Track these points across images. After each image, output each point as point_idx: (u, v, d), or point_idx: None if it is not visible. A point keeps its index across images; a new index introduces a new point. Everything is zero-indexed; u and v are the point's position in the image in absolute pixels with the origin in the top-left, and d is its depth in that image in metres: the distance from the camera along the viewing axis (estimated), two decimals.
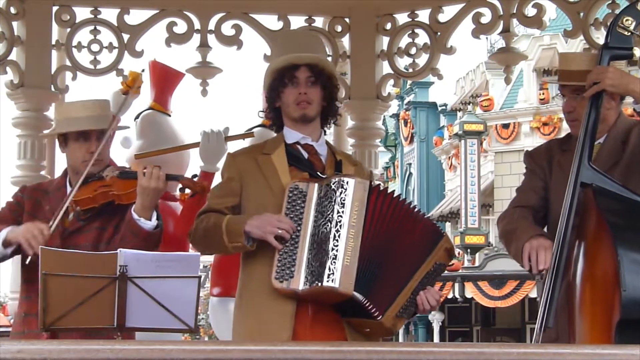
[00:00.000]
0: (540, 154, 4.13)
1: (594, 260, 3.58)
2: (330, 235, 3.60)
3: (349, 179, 3.68)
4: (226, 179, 3.92)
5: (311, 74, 3.85)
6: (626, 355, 2.57)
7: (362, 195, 3.65)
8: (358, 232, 3.61)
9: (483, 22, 5.85)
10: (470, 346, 2.56)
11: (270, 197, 3.77)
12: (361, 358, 2.52)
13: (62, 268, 3.58)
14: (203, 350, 2.54)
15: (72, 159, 4.17)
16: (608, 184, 3.64)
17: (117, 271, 3.56)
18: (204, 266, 14.95)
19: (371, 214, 3.66)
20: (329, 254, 3.58)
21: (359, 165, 4.02)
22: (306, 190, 3.69)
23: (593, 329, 3.50)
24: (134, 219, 3.95)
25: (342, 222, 3.61)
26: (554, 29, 23.73)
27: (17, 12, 5.85)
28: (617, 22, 3.74)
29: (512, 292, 25.27)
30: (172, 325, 3.62)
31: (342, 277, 3.55)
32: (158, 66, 6.32)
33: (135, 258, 3.61)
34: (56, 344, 2.55)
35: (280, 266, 3.64)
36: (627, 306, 3.37)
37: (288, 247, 3.64)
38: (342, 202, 3.63)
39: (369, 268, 3.63)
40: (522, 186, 4.14)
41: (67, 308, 3.55)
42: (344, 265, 3.56)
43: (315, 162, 3.87)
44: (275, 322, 3.67)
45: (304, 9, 6.10)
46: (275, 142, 3.93)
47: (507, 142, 28.46)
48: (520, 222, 3.96)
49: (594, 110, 3.74)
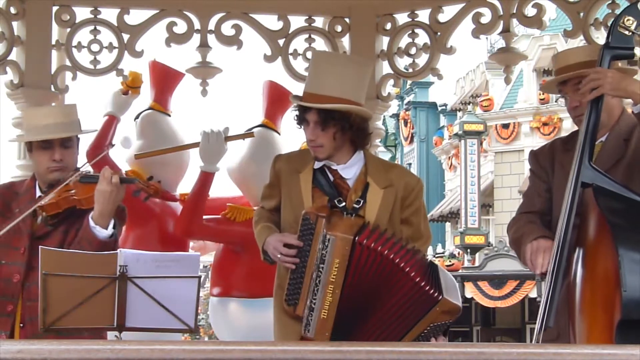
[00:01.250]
0: (544, 154, 4.11)
1: (594, 260, 3.57)
2: (311, 287, 3.74)
3: (332, 236, 3.71)
4: (270, 181, 4.04)
5: (319, 117, 3.78)
6: (626, 355, 2.57)
7: (344, 252, 3.70)
8: (337, 286, 3.70)
9: (483, 22, 5.85)
10: (470, 346, 2.55)
11: (292, 214, 3.88)
12: (361, 358, 2.51)
13: (62, 268, 3.58)
14: (203, 350, 2.54)
15: (37, 165, 4.17)
16: (609, 183, 3.62)
17: (117, 271, 3.57)
18: (204, 266, 14.94)
19: (353, 269, 3.71)
20: (308, 304, 3.74)
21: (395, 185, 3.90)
22: (315, 224, 3.76)
23: (594, 329, 3.50)
24: (90, 226, 3.92)
25: (320, 277, 3.72)
26: (554, 29, 23.74)
27: (17, 12, 5.84)
28: (618, 22, 3.73)
29: (512, 292, 25.28)
30: (172, 325, 3.62)
31: (317, 329, 3.72)
32: (158, 66, 6.33)
33: (135, 258, 3.61)
34: (56, 344, 2.54)
35: (290, 289, 3.81)
36: (628, 306, 3.36)
37: (297, 274, 3.79)
38: (322, 259, 3.72)
39: (350, 320, 3.72)
40: (528, 190, 4.13)
41: (67, 308, 3.55)
42: (319, 318, 3.72)
43: (340, 186, 3.88)
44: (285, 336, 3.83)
45: (304, 9, 6.10)
46: (308, 158, 3.92)
47: (507, 142, 28.45)
48: (526, 227, 3.94)
49: (594, 113, 3.73)
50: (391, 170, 3.97)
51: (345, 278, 3.69)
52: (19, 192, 4.18)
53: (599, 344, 3.33)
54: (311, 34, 6.08)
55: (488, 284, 25.53)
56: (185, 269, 3.65)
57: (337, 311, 3.70)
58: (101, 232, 3.91)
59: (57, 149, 4.08)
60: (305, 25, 6.09)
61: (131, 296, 3.57)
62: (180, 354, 2.50)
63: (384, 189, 3.85)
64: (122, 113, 6.22)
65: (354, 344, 2.65)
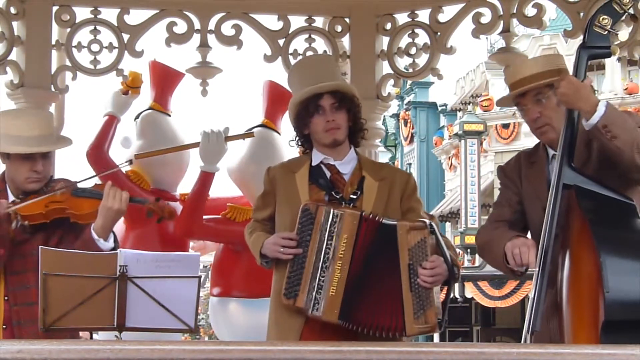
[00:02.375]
0: (510, 167, 4.10)
1: (578, 262, 3.56)
2: (319, 265, 3.79)
3: (340, 212, 3.80)
4: (263, 191, 4.10)
5: (334, 100, 3.97)
6: (626, 355, 2.57)
7: (352, 228, 3.79)
8: (346, 262, 3.78)
9: (483, 22, 5.84)
10: (470, 346, 2.55)
11: (289, 215, 3.92)
12: (361, 358, 2.51)
13: (62, 268, 3.58)
14: (203, 350, 2.54)
15: (14, 174, 4.14)
16: (589, 183, 3.63)
17: (117, 271, 3.57)
18: (204, 266, 14.93)
19: (360, 244, 3.79)
20: (317, 283, 3.79)
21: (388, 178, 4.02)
22: (314, 213, 3.83)
23: (581, 330, 3.49)
24: (94, 239, 3.94)
25: (329, 254, 3.79)
26: (554, 29, 23.72)
27: (17, 12, 5.84)
28: (593, 22, 3.71)
29: (512, 292, 25.27)
30: (172, 325, 3.63)
31: (326, 307, 3.77)
32: (158, 66, 6.33)
33: (136, 258, 3.61)
34: (56, 344, 2.54)
35: (289, 283, 3.83)
36: (611, 307, 3.37)
37: (297, 266, 3.83)
38: (331, 235, 3.80)
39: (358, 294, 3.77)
40: (498, 200, 4.13)
41: (67, 308, 3.55)
42: (329, 295, 3.77)
43: (337, 181, 3.99)
44: (284, 334, 3.86)
45: (304, 9, 6.09)
46: (302, 159, 4.09)
47: (507, 142, 28.44)
48: (496, 232, 3.94)
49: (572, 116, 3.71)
50: (383, 167, 4.18)
51: (352, 253, 3.78)
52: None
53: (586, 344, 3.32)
54: (311, 34, 6.08)
55: (488, 284, 25.53)
56: (185, 269, 3.65)
57: (344, 287, 3.76)
58: (105, 245, 3.94)
59: (39, 160, 4.08)
60: (305, 25, 6.09)
61: (131, 296, 3.57)
62: (180, 354, 2.50)
63: (378, 182, 3.98)
64: (122, 113, 6.22)
65: (354, 344, 2.65)
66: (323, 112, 3.96)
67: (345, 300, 3.76)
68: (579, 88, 3.64)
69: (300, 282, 3.80)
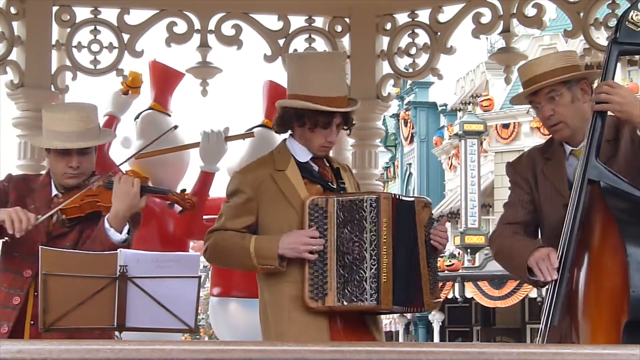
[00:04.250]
0: (522, 165, 4.04)
1: (600, 260, 3.52)
2: (367, 254, 3.73)
3: (376, 197, 3.78)
4: (241, 198, 3.93)
5: (341, 120, 3.95)
6: (626, 355, 2.57)
7: (389, 211, 3.77)
8: (389, 246, 3.75)
9: (483, 22, 5.84)
10: (470, 346, 2.56)
11: (293, 214, 3.85)
12: (361, 358, 2.52)
13: (62, 268, 3.58)
14: (203, 350, 2.54)
15: (53, 169, 4.16)
16: (616, 181, 3.58)
17: (117, 271, 3.57)
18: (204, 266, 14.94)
19: (397, 225, 3.78)
20: (368, 273, 3.72)
21: (345, 168, 4.14)
22: (325, 206, 3.79)
23: (598, 330, 3.45)
24: (105, 228, 3.94)
25: (376, 241, 3.74)
26: (554, 29, 23.72)
27: (17, 12, 5.84)
28: (626, 17, 3.69)
29: (512, 292, 25.26)
30: (172, 325, 3.62)
31: (383, 295, 3.72)
32: (158, 66, 6.33)
33: (136, 258, 3.61)
34: (56, 344, 2.54)
35: (313, 284, 3.76)
36: (636, 307, 3.32)
37: (318, 265, 3.77)
38: (373, 221, 3.75)
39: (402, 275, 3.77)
40: (510, 201, 4.05)
41: (67, 308, 3.55)
42: (382, 283, 3.72)
43: (324, 173, 3.99)
44: (314, 337, 3.76)
45: (304, 9, 6.10)
46: (283, 157, 3.98)
47: (507, 142, 28.44)
48: (514, 238, 3.91)
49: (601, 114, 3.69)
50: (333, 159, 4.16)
51: (393, 236, 3.76)
52: (34, 188, 4.17)
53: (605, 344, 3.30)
54: (311, 34, 6.08)
55: (488, 284, 25.52)
56: (186, 269, 3.65)
57: (392, 272, 3.74)
58: (115, 236, 3.93)
59: (75, 156, 4.07)
60: (305, 25, 6.09)
61: (131, 296, 3.57)
62: (180, 354, 2.50)
63: (346, 172, 4.07)
64: (122, 113, 6.23)
65: (354, 344, 2.66)
66: (329, 130, 3.91)
67: (394, 285, 3.74)
68: (631, 98, 3.61)
69: (326, 280, 3.74)
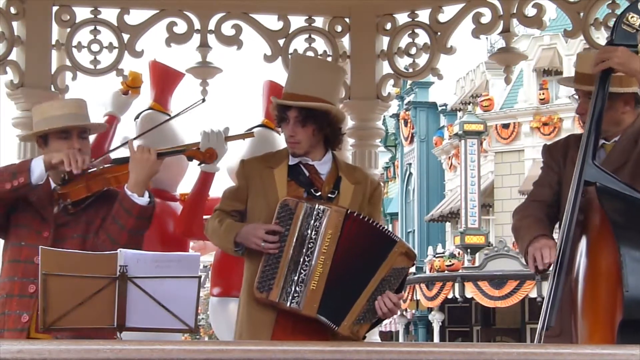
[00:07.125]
0: (557, 148, 4.12)
1: (596, 260, 3.56)
2: (301, 259, 3.84)
3: (327, 208, 3.86)
4: (237, 185, 4.13)
5: (299, 115, 3.97)
6: (626, 355, 2.57)
7: (337, 223, 3.85)
8: (328, 258, 3.84)
9: (483, 22, 5.84)
10: (470, 346, 2.56)
11: (265, 209, 3.96)
12: (361, 358, 2.52)
13: (62, 268, 3.58)
14: (203, 350, 2.55)
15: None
16: (613, 182, 3.62)
17: (117, 271, 3.57)
18: (204, 266, 14.95)
19: (344, 239, 3.85)
20: (298, 277, 3.83)
21: (362, 183, 4.09)
22: (294, 208, 3.88)
23: (596, 329, 3.49)
24: (128, 194, 3.96)
25: (313, 248, 3.85)
26: (554, 29, 23.75)
27: (17, 12, 5.84)
28: (622, 19, 3.74)
29: (512, 292, 25.30)
30: (172, 325, 3.62)
31: (307, 301, 3.82)
32: (158, 66, 6.32)
33: (136, 258, 3.61)
34: (56, 344, 2.55)
35: (262, 276, 3.87)
36: (630, 306, 3.36)
37: (273, 259, 3.87)
38: (316, 230, 3.85)
39: (338, 290, 3.83)
40: (539, 180, 4.13)
41: (67, 308, 3.55)
42: (309, 289, 3.82)
43: (315, 180, 4.03)
44: (256, 328, 3.90)
45: (304, 9, 6.09)
46: (280, 156, 4.10)
47: (507, 142, 28.47)
48: (528, 219, 3.97)
49: (600, 101, 3.73)
50: (356, 170, 4.23)
51: (335, 249, 3.84)
52: None
53: (601, 344, 3.33)
54: (311, 34, 6.08)
55: (488, 284, 25.55)
56: (186, 269, 3.65)
57: (325, 282, 3.82)
58: (140, 200, 3.97)
59: (76, 139, 4.10)
60: (305, 25, 6.09)
61: (131, 296, 3.57)
62: (180, 354, 2.50)
63: (354, 185, 4.05)
64: (122, 113, 6.22)
65: (354, 344, 2.66)
66: (288, 123, 3.99)
67: (324, 295, 3.81)
68: (631, 55, 3.71)
69: (275, 275, 3.84)
